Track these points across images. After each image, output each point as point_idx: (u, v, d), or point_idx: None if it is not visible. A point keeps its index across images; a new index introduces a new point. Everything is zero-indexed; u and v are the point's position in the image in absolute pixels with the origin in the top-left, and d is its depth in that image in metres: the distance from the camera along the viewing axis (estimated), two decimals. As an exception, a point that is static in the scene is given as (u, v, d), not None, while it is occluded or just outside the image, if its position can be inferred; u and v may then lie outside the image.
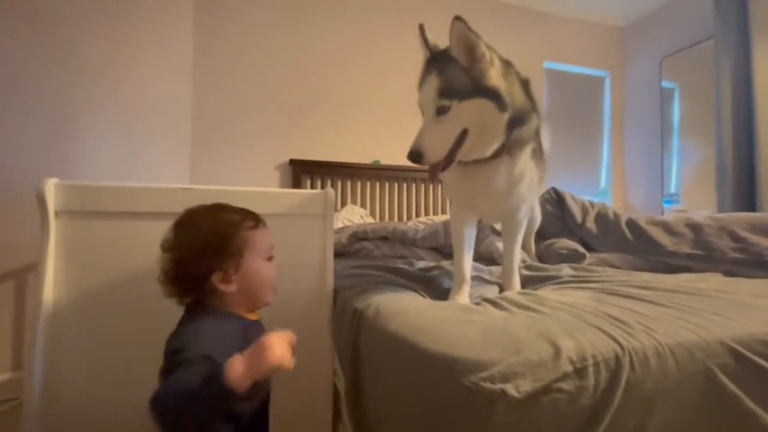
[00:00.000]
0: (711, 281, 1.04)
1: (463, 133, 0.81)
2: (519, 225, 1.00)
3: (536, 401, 0.52)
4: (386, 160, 2.68)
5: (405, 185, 2.74)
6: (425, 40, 0.89)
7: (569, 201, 1.53)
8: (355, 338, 0.90)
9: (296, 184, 2.49)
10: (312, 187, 2.53)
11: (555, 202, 1.57)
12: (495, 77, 0.80)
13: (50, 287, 0.97)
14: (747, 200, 2.32)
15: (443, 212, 2.81)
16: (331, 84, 2.65)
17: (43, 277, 0.96)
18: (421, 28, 0.90)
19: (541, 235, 1.50)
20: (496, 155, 0.85)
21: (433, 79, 0.81)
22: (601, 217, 1.48)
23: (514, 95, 0.83)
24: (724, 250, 1.19)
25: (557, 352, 0.56)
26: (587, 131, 3.36)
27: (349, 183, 2.61)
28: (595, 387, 0.55)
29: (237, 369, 0.55)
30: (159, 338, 1.01)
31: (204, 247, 0.72)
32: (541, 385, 0.52)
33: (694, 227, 1.29)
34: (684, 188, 3.00)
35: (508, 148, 0.85)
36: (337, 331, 1.04)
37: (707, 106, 2.60)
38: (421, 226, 1.64)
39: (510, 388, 0.51)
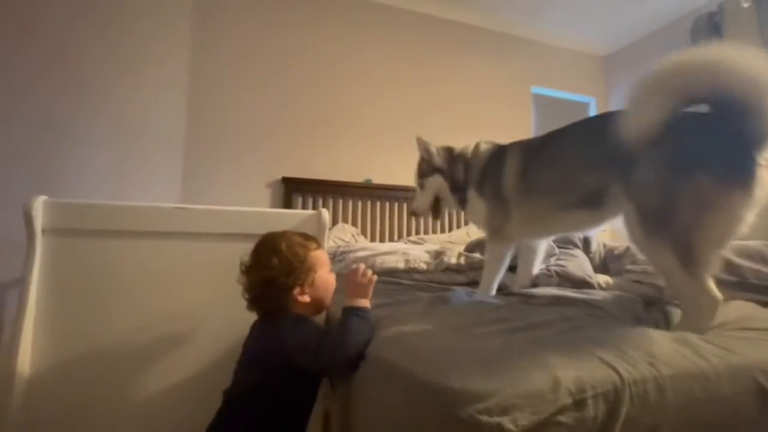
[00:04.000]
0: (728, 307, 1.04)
1: (437, 197, 1.40)
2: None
3: (535, 436, 0.51)
4: (378, 179, 2.69)
5: (396, 204, 2.75)
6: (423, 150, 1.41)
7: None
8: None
9: (288, 202, 2.48)
10: (303, 206, 2.52)
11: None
12: (439, 162, 1.37)
13: (33, 305, 0.94)
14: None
15: (433, 232, 2.82)
16: (325, 103, 2.68)
17: (26, 294, 0.93)
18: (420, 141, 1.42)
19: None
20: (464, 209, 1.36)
21: (416, 171, 1.43)
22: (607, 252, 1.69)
23: (453, 171, 1.34)
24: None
25: (556, 382, 0.56)
26: (574, 154, 3.44)
27: (340, 201, 2.61)
28: (594, 420, 0.54)
29: (360, 299, 0.89)
30: (144, 357, 0.99)
31: (287, 266, 0.89)
32: (539, 419, 0.51)
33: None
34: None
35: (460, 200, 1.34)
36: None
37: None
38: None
39: (507, 422, 0.50)
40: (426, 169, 1.38)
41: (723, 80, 0.76)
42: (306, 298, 0.91)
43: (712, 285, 0.83)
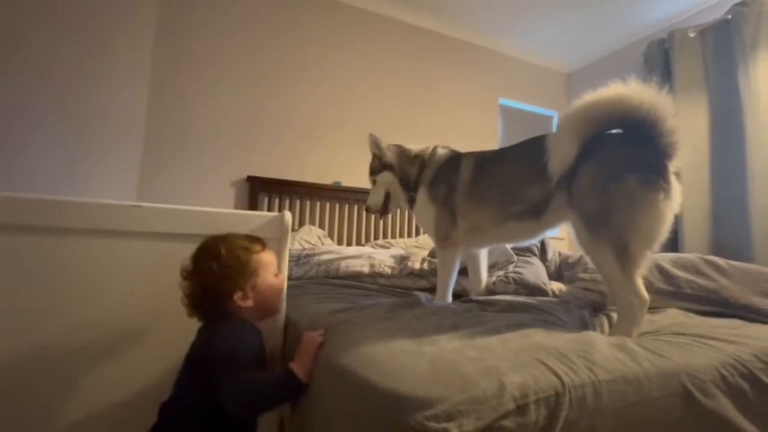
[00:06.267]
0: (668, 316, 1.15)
1: (387, 194, 1.45)
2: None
3: (479, 440, 0.53)
4: (347, 182, 2.69)
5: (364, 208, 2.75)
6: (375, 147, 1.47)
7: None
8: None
9: (253, 202, 2.43)
10: (269, 206, 2.47)
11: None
12: (389, 158, 1.42)
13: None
14: (671, 233, 2.58)
15: (400, 236, 2.85)
16: (294, 104, 2.65)
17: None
18: (371, 136, 1.47)
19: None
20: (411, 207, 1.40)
21: (369, 168, 1.47)
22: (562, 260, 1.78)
23: (403, 168, 1.40)
24: (651, 280, 1.31)
25: (501, 388, 0.58)
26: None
27: (308, 203, 2.58)
28: (535, 424, 0.56)
29: (301, 369, 0.80)
30: (93, 364, 0.94)
31: (226, 272, 0.86)
32: (483, 424, 0.53)
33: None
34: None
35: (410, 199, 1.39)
36: (285, 359, 1.01)
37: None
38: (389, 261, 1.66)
39: (453, 428, 0.52)
40: (377, 165, 1.43)
41: (632, 110, 0.95)
42: (249, 303, 0.88)
43: (641, 286, 0.97)
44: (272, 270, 0.94)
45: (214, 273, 0.85)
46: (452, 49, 3.20)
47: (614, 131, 1.05)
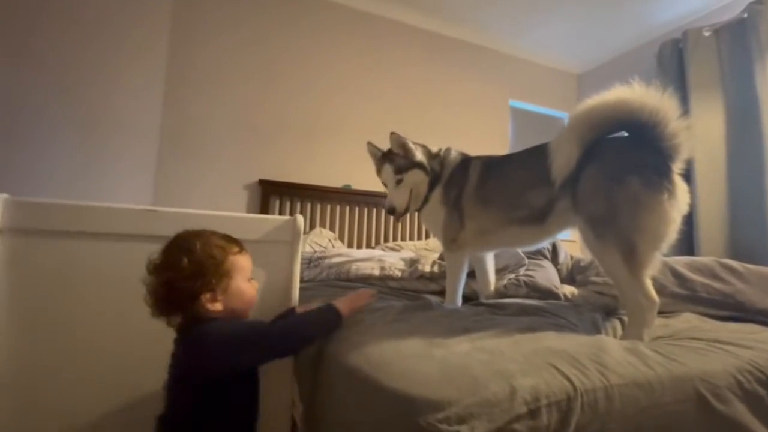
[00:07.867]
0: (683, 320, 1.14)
1: (410, 192, 1.33)
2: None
3: (490, 443, 0.54)
4: (357, 185, 2.71)
5: (375, 210, 2.77)
6: (375, 149, 1.43)
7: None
8: (314, 369, 0.89)
9: (265, 204, 2.46)
10: (281, 209, 2.50)
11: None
12: (419, 156, 1.33)
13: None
14: (686, 236, 2.53)
15: (410, 238, 2.86)
16: (305, 107, 2.68)
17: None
18: (370, 144, 1.45)
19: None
20: (420, 208, 1.36)
21: (389, 167, 1.34)
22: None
23: (433, 167, 1.33)
24: (665, 284, 1.30)
25: (513, 392, 0.58)
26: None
27: (318, 206, 2.61)
28: (546, 428, 0.57)
29: (343, 306, 0.92)
30: (111, 366, 0.96)
31: (198, 269, 0.79)
32: (495, 427, 0.54)
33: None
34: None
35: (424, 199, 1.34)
36: (297, 361, 1.03)
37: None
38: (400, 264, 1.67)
39: (465, 430, 0.52)
40: (404, 163, 1.32)
41: (634, 113, 0.96)
42: (217, 306, 0.80)
43: (651, 288, 0.96)
44: (246, 275, 0.88)
45: (184, 269, 0.77)
46: (463, 52, 3.21)
47: (619, 135, 1.04)
